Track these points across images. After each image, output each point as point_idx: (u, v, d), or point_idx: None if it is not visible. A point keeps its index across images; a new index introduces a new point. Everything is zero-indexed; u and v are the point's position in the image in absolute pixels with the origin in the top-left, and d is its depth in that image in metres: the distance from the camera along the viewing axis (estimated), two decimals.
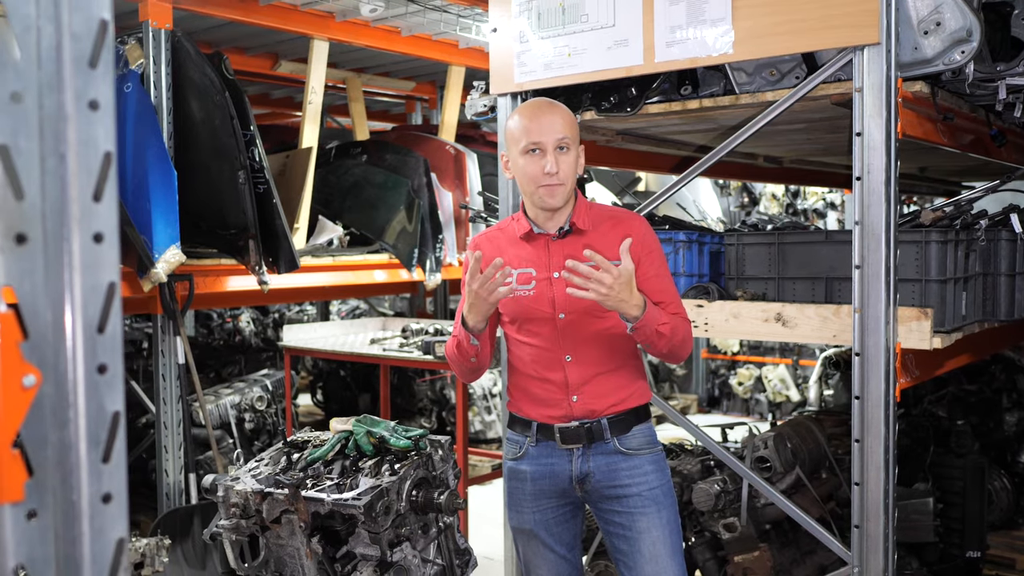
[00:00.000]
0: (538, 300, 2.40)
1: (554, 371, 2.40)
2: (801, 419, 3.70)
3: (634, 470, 2.41)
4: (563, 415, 2.41)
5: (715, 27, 2.78)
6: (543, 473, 2.46)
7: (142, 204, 3.94)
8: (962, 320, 2.89)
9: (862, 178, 2.57)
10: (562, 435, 2.41)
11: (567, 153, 2.35)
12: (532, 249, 2.44)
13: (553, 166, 2.32)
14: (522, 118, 2.39)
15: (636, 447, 2.43)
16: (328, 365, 7.25)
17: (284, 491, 2.29)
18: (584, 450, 2.41)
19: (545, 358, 2.41)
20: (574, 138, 2.38)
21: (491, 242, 2.51)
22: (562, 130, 2.35)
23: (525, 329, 2.42)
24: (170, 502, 4.16)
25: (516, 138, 2.38)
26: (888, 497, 2.59)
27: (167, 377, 4.19)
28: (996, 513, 4.34)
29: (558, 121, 2.36)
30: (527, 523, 2.49)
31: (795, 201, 8.62)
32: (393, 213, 5.49)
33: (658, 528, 2.39)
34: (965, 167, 4.89)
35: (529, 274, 2.42)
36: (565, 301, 2.36)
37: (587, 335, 2.38)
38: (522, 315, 2.41)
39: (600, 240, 2.40)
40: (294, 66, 6.04)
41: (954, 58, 2.53)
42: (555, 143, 2.33)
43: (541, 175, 2.33)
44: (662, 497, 2.42)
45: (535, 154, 2.34)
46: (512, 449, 2.52)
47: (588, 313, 2.37)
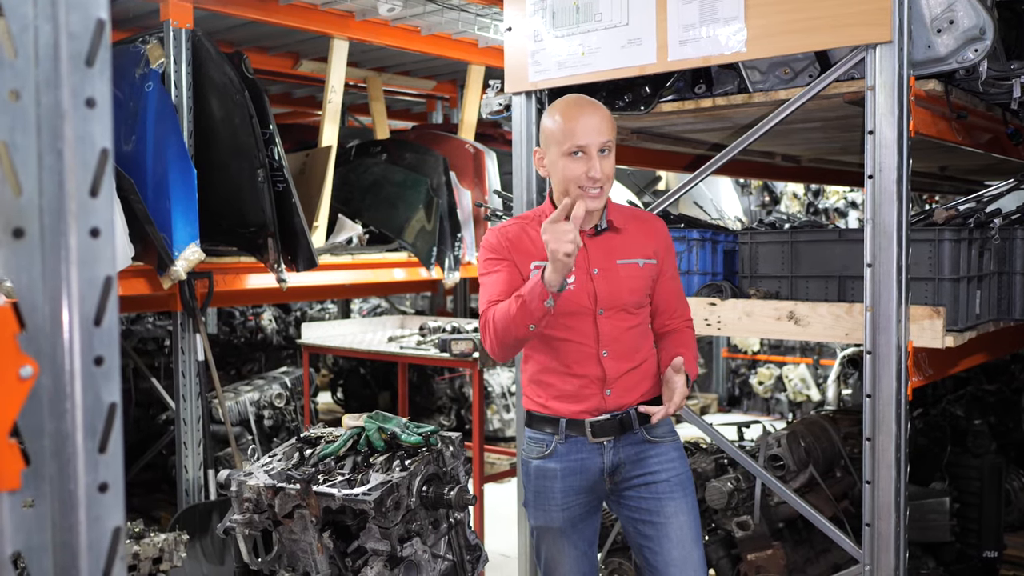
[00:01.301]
0: (578, 294, 2.37)
1: (589, 366, 2.39)
2: (815, 418, 3.69)
3: (661, 456, 2.45)
4: (594, 409, 2.40)
5: (728, 25, 2.78)
6: (573, 469, 2.44)
7: (162, 202, 3.99)
8: (976, 319, 2.87)
9: (874, 176, 2.56)
10: (594, 429, 2.40)
11: (608, 156, 2.34)
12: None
13: (598, 171, 2.30)
14: (565, 119, 2.34)
15: (661, 435, 2.47)
16: (348, 363, 7.30)
17: (296, 486, 2.32)
18: (614, 441, 2.43)
19: (580, 353, 2.39)
20: (614, 138, 2.37)
21: (522, 234, 2.43)
22: (607, 132, 2.33)
23: (560, 324, 2.37)
24: (189, 498, 4.21)
25: (558, 139, 2.34)
26: (900, 496, 2.58)
27: (187, 374, 4.24)
28: (1014, 513, 4.30)
29: (603, 124, 2.33)
30: (555, 521, 2.46)
31: (816, 200, 8.57)
32: (412, 212, 5.52)
33: (685, 513, 2.43)
34: (985, 166, 4.84)
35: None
36: (605, 296, 2.38)
37: (621, 330, 2.40)
38: (560, 308, 2.30)
39: (631, 239, 2.45)
40: (315, 65, 6.09)
41: (967, 56, 2.51)
42: (599, 146, 2.31)
43: (584, 179, 2.31)
44: (687, 483, 2.48)
45: (578, 156, 2.31)
46: (537, 448, 2.47)
47: (624, 309, 2.41)
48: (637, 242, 2.44)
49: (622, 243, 2.43)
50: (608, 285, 2.39)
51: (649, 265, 2.44)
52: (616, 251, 2.42)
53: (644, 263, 2.43)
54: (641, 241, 2.45)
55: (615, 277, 2.40)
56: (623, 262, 2.42)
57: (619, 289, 2.39)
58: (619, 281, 2.40)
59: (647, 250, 2.45)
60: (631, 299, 2.41)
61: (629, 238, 2.44)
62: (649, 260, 2.44)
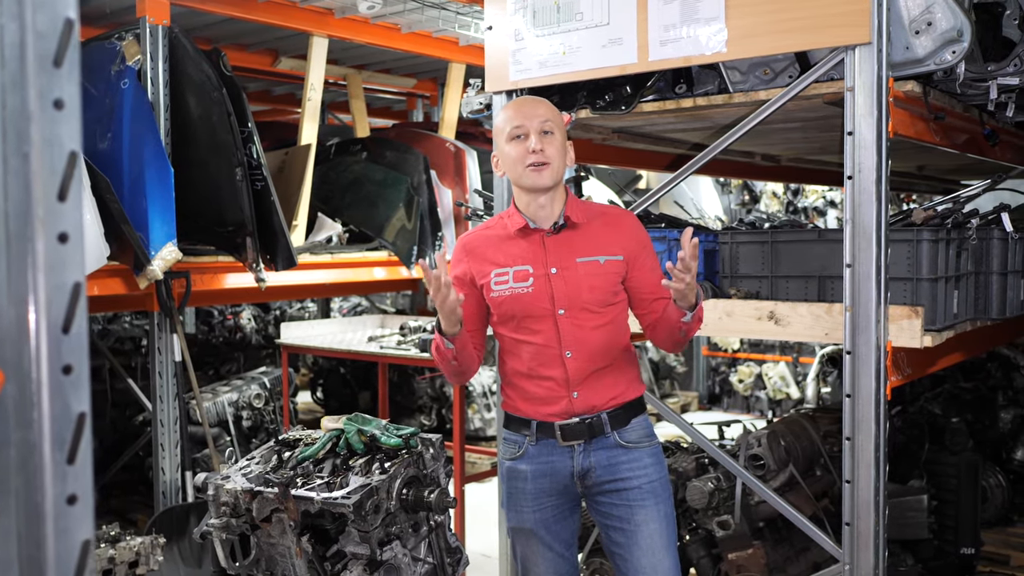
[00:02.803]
0: (538, 297, 2.38)
1: (554, 368, 2.38)
2: (795, 417, 3.70)
3: (634, 463, 2.42)
4: (563, 412, 2.40)
5: (708, 26, 2.78)
6: (543, 471, 2.45)
7: (138, 201, 3.95)
8: (954, 318, 2.88)
9: (853, 177, 2.57)
10: (563, 432, 2.40)
11: (552, 137, 2.37)
12: (527, 245, 2.42)
13: (537, 143, 2.34)
14: (505, 111, 2.44)
15: (636, 440, 2.44)
16: (328, 362, 7.26)
17: (274, 490, 2.30)
18: (585, 446, 2.41)
19: (544, 355, 2.39)
20: (558, 125, 2.41)
21: (483, 243, 2.48)
22: (545, 114, 2.39)
23: (523, 327, 2.40)
24: (166, 500, 4.17)
25: (501, 129, 2.42)
26: (879, 495, 2.58)
27: (164, 374, 4.20)
28: (991, 510, 4.34)
29: (541, 108, 2.41)
30: (527, 523, 2.48)
31: (795, 199, 8.61)
32: (393, 210, 5.49)
33: (655, 521, 2.40)
34: (962, 166, 4.87)
35: (526, 271, 2.40)
36: (564, 296, 2.36)
37: (586, 330, 2.37)
38: (520, 312, 2.38)
39: (594, 235, 2.42)
40: (294, 63, 6.05)
41: (945, 58, 2.52)
42: (539, 127, 2.36)
43: (526, 155, 2.35)
44: (660, 490, 2.44)
45: (520, 139, 2.37)
46: (510, 449, 2.51)
47: (586, 309, 2.37)
48: (600, 238, 2.42)
49: (583, 240, 2.41)
50: (566, 284, 2.37)
51: (612, 262, 2.40)
52: (576, 249, 2.40)
53: (606, 260, 2.40)
54: (604, 237, 2.42)
55: (574, 275, 2.38)
56: (583, 260, 2.39)
57: (578, 288, 2.37)
58: (578, 280, 2.38)
59: (611, 247, 2.41)
60: (592, 297, 2.37)
61: (591, 235, 2.42)
62: (613, 257, 2.40)
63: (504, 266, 2.41)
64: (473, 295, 2.45)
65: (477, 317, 2.48)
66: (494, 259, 2.43)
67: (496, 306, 2.43)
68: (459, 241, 2.54)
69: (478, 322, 2.49)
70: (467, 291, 2.45)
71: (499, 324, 2.46)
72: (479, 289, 2.45)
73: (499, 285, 2.40)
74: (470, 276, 2.46)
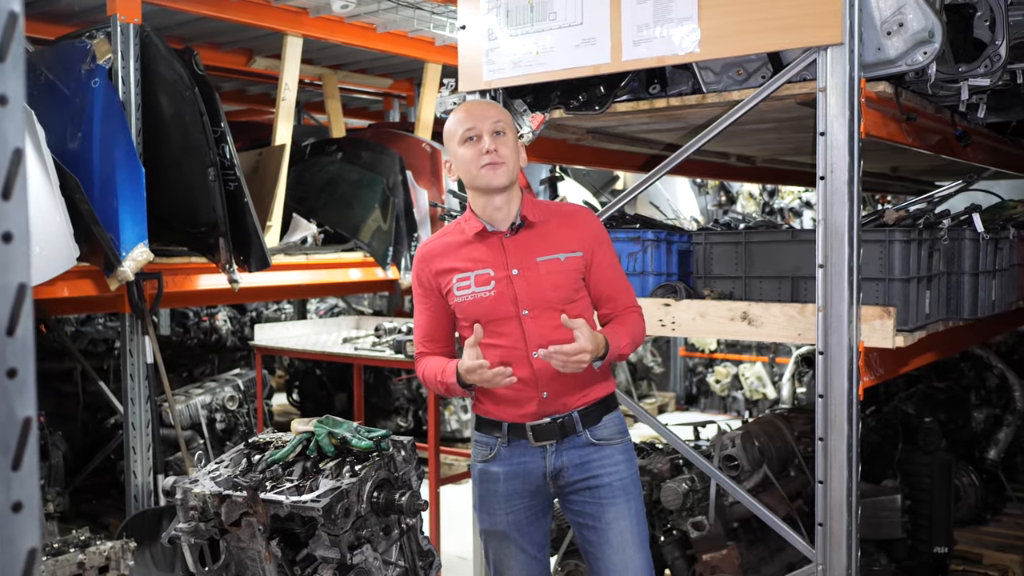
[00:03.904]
0: (500, 300, 2.38)
1: (521, 369, 2.37)
2: (769, 417, 3.71)
3: (605, 460, 2.42)
4: (534, 412, 2.40)
5: (681, 26, 2.77)
6: (516, 473, 2.45)
7: (109, 201, 3.90)
8: (925, 319, 2.89)
9: (825, 177, 2.57)
10: (535, 432, 2.40)
11: (504, 137, 2.38)
12: (486, 248, 2.42)
13: (491, 143, 2.35)
14: (456, 114, 2.44)
15: (607, 437, 2.44)
16: (304, 364, 7.22)
17: (243, 493, 2.27)
18: (557, 445, 2.41)
19: (511, 357, 2.37)
20: (509, 125, 2.42)
21: (442, 250, 2.47)
22: (496, 116, 2.40)
23: (488, 330, 2.38)
24: (138, 504, 4.13)
25: (453, 133, 2.42)
26: (852, 495, 2.59)
27: (135, 377, 4.15)
28: (964, 509, 4.36)
29: (491, 110, 2.43)
30: (499, 525, 2.48)
31: (771, 200, 8.65)
32: (368, 211, 5.47)
33: (626, 518, 2.41)
34: (936, 167, 4.91)
35: (487, 275, 2.39)
36: (528, 297, 2.36)
37: (551, 329, 2.35)
38: (484, 316, 2.38)
39: (552, 234, 2.42)
40: (269, 62, 6.01)
41: (916, 59, 2.53)
42: (491, 128, 2.37)
43: (480, 155, 2.35)
44: (631, 487, 2.45)
45: (472, 141, 2.37)
46: (482, 451, 2.50)
47: (550, 307, 2.37)
48: (558, 236, 2.41)
49: (541, 239, 2.41)
50: (528, 285, 2.37)
51: (573, 259, 2.40)
52: (535, 248, 2.40)
53: (566, 257, 2.40)
54: (563, 235, 2.42)
55: (535, 275, 2.38)
56: (543, 259, 2.39)
57: (541, 287, 2.37)
58: (540, 279, 2.37)
59: (570, 243, 2.41)
60: (555, 295, 2.37)
61: (549, 233, 2.42)
62: (572, 253, 2.41)
63: (465, 271, 2.41)
64: (440, 304, 2.47)
65: (448, 325, 2.50)
66: (454, 265, 2.43)
67: (460, 311, 2.43)
68: (418, 251, 2.53)
69: (449, 330, 2.51)
70: (432, 301, 2.47)
71: (465, 328, 2.45)
72: (444, 297, 2.45)
73: (461, 291, 2.40)
74: (434, 285, 2.46)
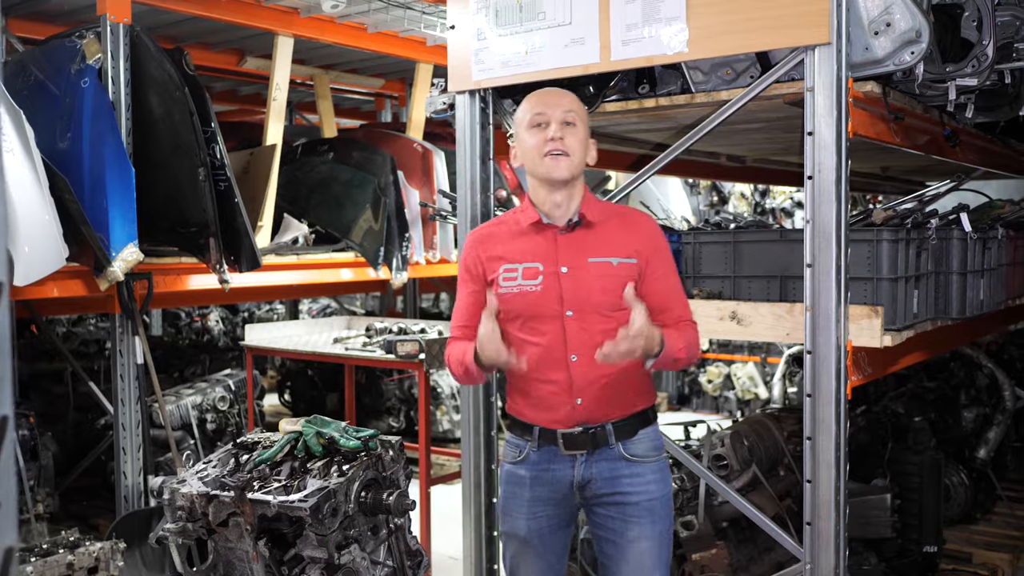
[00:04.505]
0: (545, 296, 2.30)
1: (558, 371, 2.30)
2: (759, 417, 3.72)
3: (636, 478, 2.35)
4: (566, 419, 2.32)
5: (670, 25, 2.78)
6: (542, 479, 2.39)
7: (99, 201, 3.89)
8: (914, 318, 2.90)
9: (813, 177, 2.58)
10: (565, 441, 2.33)
11: (574, 128, 2.30)
12: (538, 242, 2.34)
13: (558, 131, 2.27)
14: (528, 100, 2.36)
15: (641, 454, 2.37)
16: (296, 364, 7.21)
17: (230, 493, 2.27)
18: (587, 456, 2.34)
19: (549, 358, 2.30)
20: (582, 118, 2.33)
21: (494, 236, 2.40)
22: (568, 105, 2.31)
23: (528, 327, 2.32)
24: (129, 505, 4.12)
25: (521, 118, 2.34)
26: (839, 494, 2.59)
27: (125, 377, 4.14)
28: (954, 508, 4.38)
29: (565, 99, 2.34)
30: (521, 529, 2.42)
31: (763, 200, 8.66)
32: (359, 211, 5.46)
33: (648, 539, 2.34)
34: (925, 167, 4.92)
35: (536, 268, 2.32)
36: (573, 297, 2.28)
37: (593, 334, 2.27)
38: (527, 311, 2.30)
39: (608, 236, 2.34)
40: (260, 62, 6.00)
41: (904, 59, 2.53)
42: (562, 117, 2.29)
43: (545, 142, 2.27)
44: (659, 508, 2.37)
45: (540, 127, 2.30)
46: (512, 452, 2.44)
47: (596, 311, 2.29)
48: (614, 239, 2.33)
49: (596, 239, 2.33)
50: (576, 284, 2.29)
51: (625, 264, 2.31)
52: (589, 248, 2.32)
53: (619, 262, 2.30)
54: (619, 239, 2.33)
55: (585, 276, 2.29)
56: (595, 260, 2.30)
57: (589, 289, 2.28)
58: (589, 281, 2.29)
59: (625, 248, 2.32)
60: (603, 300, 2.28)
61: (605, 235, 2.33)
62: (626, 259, 2.31)
63: (513, 262, 2.33)
64: (482, 291, 2.37)
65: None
66: (504, 254, 2.36)
67: (503, 303, 2.32)
68: (470, 234, 2.47)
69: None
70: (476, 287, 2.39)
71: (505, 321, 2.34)
72: (489, 285, 2.36)
73: (507, 281, 2.33)
74: (480, 270, 2.39)
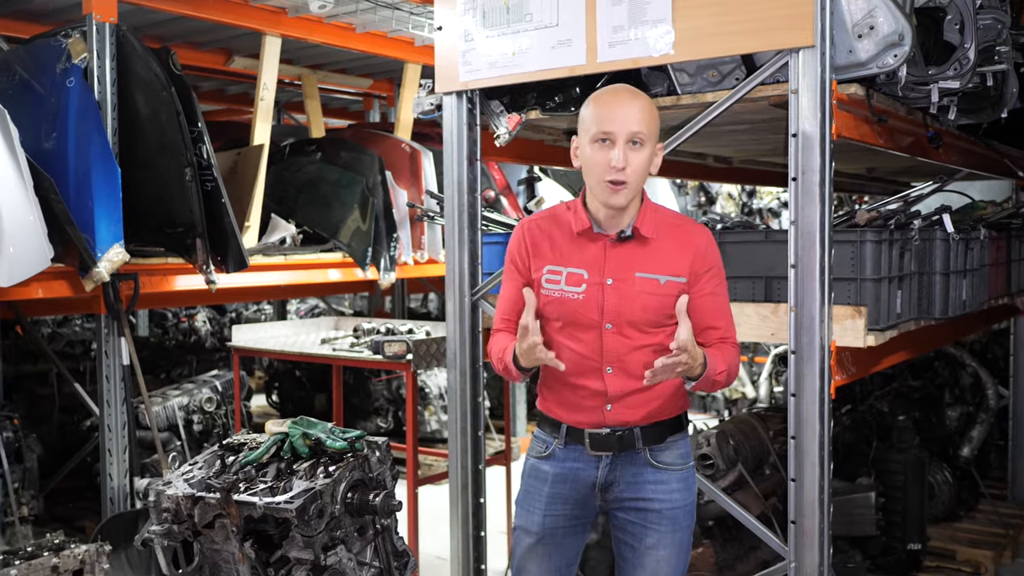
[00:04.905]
0: (586, 305, 2.26)
1: (592, 380, 2.29)
2: (745, 416, 3.74)
3: (660, 486, 2.33)
4: (595, 421, 2.31)
5: (656, 28, 2.79)
6: (565, 477, 2.37)
7: (84, 202, 3.88)
8: (897, 318, 2.92)
9: (798, 178, 2.60)
10: (592, 441, 2.32)
11: (639, 149, 2.19)
12: (587, 249, 2.29)
13: (621, 159, 2.17)
14: (597, 105, 2.24)
15: (668, 462, 2.35)
16: (283, 365, 7.20)
17: (216, 495, 2.26)
18: (613, 458, 2.33)
19: (585, 365, 2.29)
20: (651, 135, 2.21)
21: (544, 233, 2.35)
22: (638, 124, 2.18)
23: (567, 332, 2.29)
24: (114, 507, 4.11)
25: (587, 125, 2.24)
26: (823, 493, 2.61)
27: (111, 379, 4.13)
28: (938, 506, 4.42)
29: (635, 113, 2.19)
30: (535, 526, 2.40)
31: (750, 200, 8.69)
32: (347, 211, 5.46)
33: (666, 548, 2.33)
34: (910, 168, 4.95)
35: (580, 275, 2.28)
36: (614, 311, 2.25)
37: (631, 348, 2.26)
38: (567, 318, 2.28)
39: (660, 252, 2.28)
40: (248, 62, 5.99)
41: (887, 61, 2.55)
42: (628, 136, 2.18)
43: (607, 168, 2.18)
44: (681, 517, 2.35)
45: (604, 144, 2.20)
46: (538, 447, 2.43)
47: (635, 326, 2.25)
48: (665, 256, 2.26)
49: (647, 255, 2.27)
50: (620, 298, 2.25)
51: (673, 283, 2.25)
52: (637, 262, 2.26)
53: (667, 280, 2.25)
54: (671, 256, 2.27)
55: (630, 290, 2.25)
56: (643, 276, 2.25)
57: (631, 305, 2.25)
58: (633, 296, 2.25)
59: (675, 266, 2.26)
60: (643, 316, 2.24)
61: (657, 250, 2.27)
62: (674, 278, 2.25)
63: (559, 265, 2.29)
64: (527, 284, 2.34)
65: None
66: (550, 255, 2.32)
67: (543, 304, 2.30)
68: (521, 223, 2.41)
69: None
70: (521, 279, 2.36)
71: (549, 322, 2.32)
72: (529, 282, 2.34)
73: (550, 283, 2.29)
74: (526, 264, 2.36)
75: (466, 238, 3.32)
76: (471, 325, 3.31)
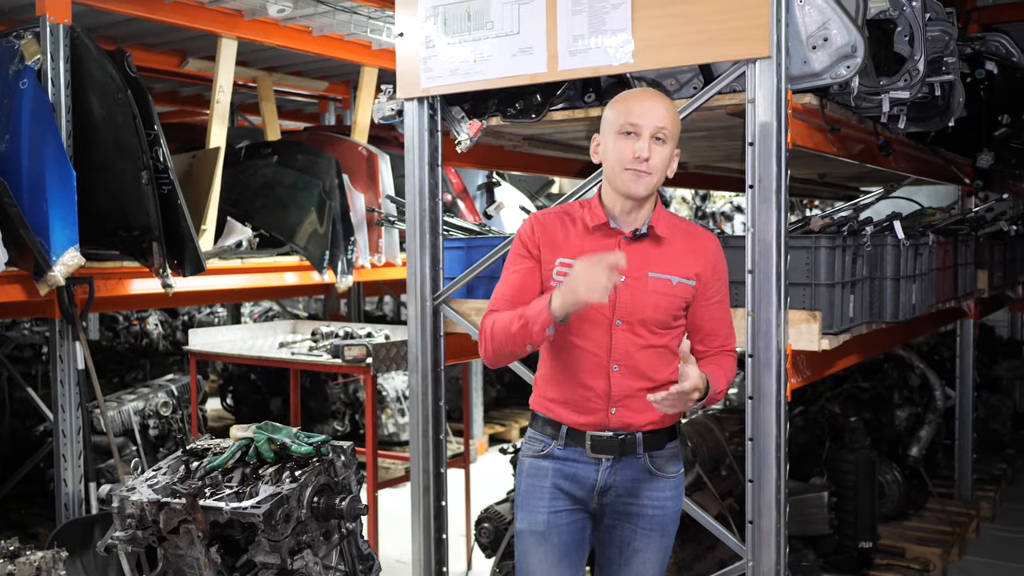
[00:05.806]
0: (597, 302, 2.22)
1: (598, 379, 2.29)
2: (702, 418, 3.80)
3: (655, 492, 2.36)
4: (597, 424, 2.31)
5: (616, 37, 2.84)
6: (566, 473, 2.36)
7: (39, 205, 3.82)
8: (850, 322, 3.01)
9: (755, 186, 2.66)
10: (593, 443, 2.31)
11: (662, 145, 2.24)
12: (602, 244, 2.29)
13: (646, 150, 2.21)
14: (623, 101, 2.30)
15: (665, 469, 2.38)
16: (238, 369, 7.13)
17: (181, 501, 2.26)
18: (613, 461, 2.33)
19: (590, 362, 2.29)
20: (673, 135, 2.27)
21: (558, 225, 2.35)
22: (663, 120, 2.24)
23: (575, 328, 2.29)
24: (69, 513, 4.04)
25: (612, 120, 2.28)
26: (780, 493, 2.68)
27: (65, 383, 4.06)
28: (888, 505, 4.53)
29: (662, 110, 2.25)
30: (539, 524, 2.36)
31: (704, 204, 8.82)
32: (304, 214, 5.43)
33: (653, 551, 2.38)
34: (861, 174, 5.08)
35: None
36: (625, 309, 2.27)
37: (637, 347, 2.28)
38: (576, 314, 2.22)
39: (673, 253, 2.32)
40: (202, 64, 5.94)
41: (840, 72, 2.63)
42: (653, 130, 2.22)
43: (631, 158, 2.22)
44: (670, 524, 2.40)
45: (629, 136, 2.24)
46: (534, 447, 2.40)
47: (644, 325, 2.27)
48: (678, 258, 2.31)
49: (660, 255, 2.30)
50: (632, 297, 2.27)
51: (684, 285, 2.30)
52: (651, 262, 2.29)
53: (679, 282, 2.29)
54: (683, 258, 2.31)
55: (642, 289, 2.27)
56: (655, 275, 2.28)
57: (643, 303, 2.27)
58: (645, 295, 2.27)
59: (687, 269, 2.31)
60: (654, 316, 2.27)
61: (670, 251, 2.31)
62: (686, 280, 2.30)
63: (571, 257, 2.26)
64: (534, 271, 2.33)
65: (533, 295, 2.30)
66: (562, 247, 2.32)
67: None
68: (535, 214, 2.42)
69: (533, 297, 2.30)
70: (529, 265, 2.34)
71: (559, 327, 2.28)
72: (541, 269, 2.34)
73: (561, 276, 2.27)
74: (537, 252, 2.34)
75: (428, 243, 3.34)
76: (432, 329, 3.33)
